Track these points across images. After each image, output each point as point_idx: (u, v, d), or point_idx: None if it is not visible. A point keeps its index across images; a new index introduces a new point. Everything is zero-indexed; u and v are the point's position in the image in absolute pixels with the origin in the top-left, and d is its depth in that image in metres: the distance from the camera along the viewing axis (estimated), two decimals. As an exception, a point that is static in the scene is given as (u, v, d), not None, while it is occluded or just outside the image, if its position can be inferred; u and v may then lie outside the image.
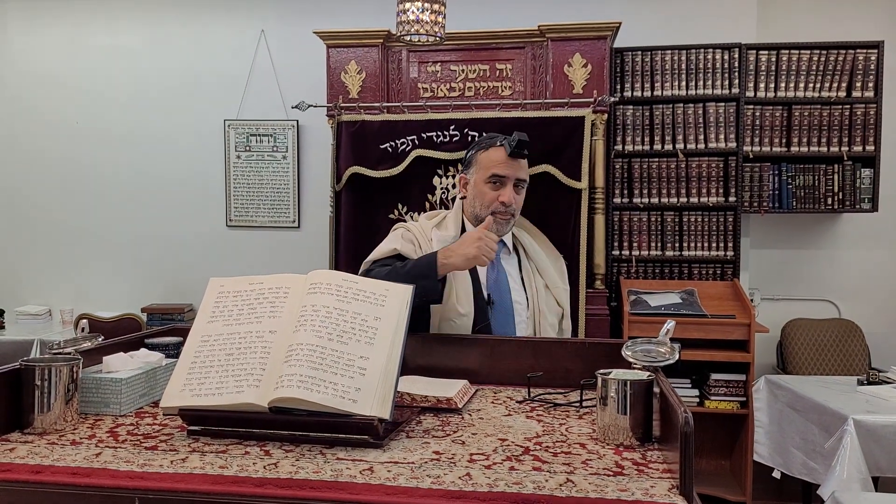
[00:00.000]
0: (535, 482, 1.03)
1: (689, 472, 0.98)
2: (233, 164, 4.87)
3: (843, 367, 4.24)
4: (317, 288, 1.34)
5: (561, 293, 2.21)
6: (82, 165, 5.05)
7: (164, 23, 4.95)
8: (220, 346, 1.29)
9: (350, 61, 3.87)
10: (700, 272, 4.18)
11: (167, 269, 4.91)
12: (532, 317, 2.11)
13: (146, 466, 1.09)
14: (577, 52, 3.68)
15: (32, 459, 1.12)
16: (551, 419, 1.38)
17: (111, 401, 1.37)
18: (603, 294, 3.67)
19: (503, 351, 1.69)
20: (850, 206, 4.16)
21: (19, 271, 5.14)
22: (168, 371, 1.49)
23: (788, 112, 4.17)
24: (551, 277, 2.20)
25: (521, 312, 2.11)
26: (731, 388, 3.85)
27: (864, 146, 4.12)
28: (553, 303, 2.17)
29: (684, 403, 1.05)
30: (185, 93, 4.93)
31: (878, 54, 4.09)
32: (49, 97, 5.06)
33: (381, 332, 1.30)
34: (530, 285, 2.15)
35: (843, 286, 4.54)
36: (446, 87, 3.87)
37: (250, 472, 1.06)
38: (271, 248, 4.85)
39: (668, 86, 4.15)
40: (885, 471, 2.80)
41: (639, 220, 4.21)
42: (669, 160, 4.17)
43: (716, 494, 3.85)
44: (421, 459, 1.13)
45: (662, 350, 1.36)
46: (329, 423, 1.19)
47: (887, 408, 2.92)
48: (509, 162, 2.12)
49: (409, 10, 2.56)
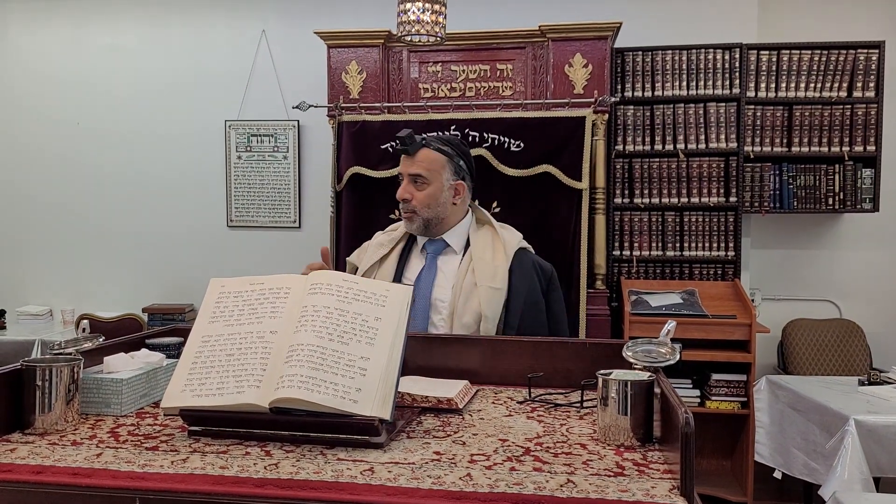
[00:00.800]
0: (535, 483, 1.03)
1: (690, 473, 0.98)
2: (233, 164, 4.87)
3: (844, 368, 4.24)
4: (317, 288, 1.34)
5: (485, 291, 2.04)
6: (83, 165, 5.05)
7: (165, 23, 4.95)
8: (221, 346, 1.29)
9: (351, 61, 3.87)
10: (701, 272, 4.18)
11: (168, 269, 4.91)
12: (451, 315, 2.07)
13: (147, 467, 1.09)
14: (578, 53, 3.68)
15: (33, 460, 1.12)
16: (552, 419, 1.38)
17: (112, 401, 1.37)
18: (604, 294, 3.68)
19: (504, 351, 1.69)
20: (850, 206, 4.16)
21: (20, 271, 5.14)
22: (169, 371, 1.49)
23: (789, 112, 4.17)
24: (482, 275, 2.07)
25: (441, 310, 2.08)
26: (732, 389, 3.85)
27: (865, 146, 4.12)
28: (475, 303, 2.04)
29: (685, 404, 1.05)
30: (186, 93, 4.94)
31: (878, 54, 4.09)
32: (50, 97, 5.07)
33: (382, 333, 1.30)
34: (457, 284, 2.09)
35: (844, 286, 4.54)
36: (447, 88, 3.87)
37: (251, 472, 1.06)
38: (272, 248, 4.86)
39: (668, 86, 4.15)
40: (886, 471, 2.80)
41: (639, 220, 4.21)
42: (670, 160, 4.17)
43: (717, 495, 3.84)
44: (421, 460, 1.13)
45: (663, 350, 1.35)
46: (330, 423, 1.19)
47: (888, 408, 2.92)
48: (403, 159, 2.14)
49: (410, 11, 2.56)
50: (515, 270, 2.10)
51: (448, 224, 2.16)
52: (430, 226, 2.14)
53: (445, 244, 2.16)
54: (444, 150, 2.13)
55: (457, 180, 2.14)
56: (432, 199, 2.11)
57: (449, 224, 2.16)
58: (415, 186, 2.11)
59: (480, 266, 2.08)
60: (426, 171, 2.10)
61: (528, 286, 2.10)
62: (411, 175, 2.11)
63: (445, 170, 2.12)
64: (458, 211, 2.18)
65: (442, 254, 2.17)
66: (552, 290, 2.19)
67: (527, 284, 2.10)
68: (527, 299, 2.08)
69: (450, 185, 2.13)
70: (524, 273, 2.11)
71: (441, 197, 2.11)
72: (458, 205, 2.17)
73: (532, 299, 2.10)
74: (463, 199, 2.18)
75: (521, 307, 2.07)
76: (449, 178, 2.12)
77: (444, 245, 2.17)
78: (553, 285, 2.20)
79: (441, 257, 2.16)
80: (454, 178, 2.13)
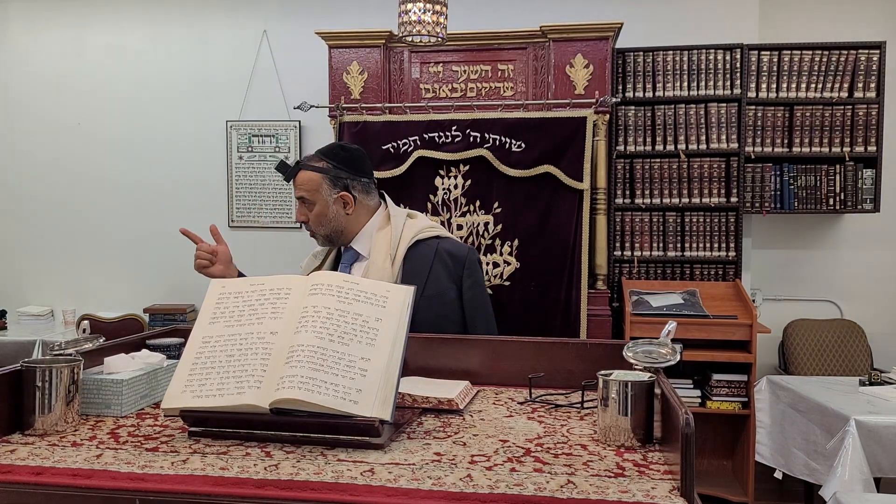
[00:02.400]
0: (536, 483, 1.03)
1: (690, 474, 0.98)
2: (235, 165, 4.88)
3: (845, 368, 4.23)
4: (318, 289, 1.34)
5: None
6: (84, 165, 5.06)
7: (166, 23, 4.96)
8: (222, 347, 1.29)
9: (352, 62, 3.87)
10: (702, 273, 4.18)
11: (169, 269, 4.91)
12: None
13: (147, 468, 1.09)
14: (579, 53, 3.68)
15: (33, 461, 1.12)
16: (552, 420, 1.38)
17: (112, 402, 1.37)
18: (605, 295, 3.68)
19: (504, 352, 1.69)
20: (851, 206, 4.16)
21: (21, 272, 5.15)
22: (169, 372, 1.49)
23: (790, 112, 4.17)
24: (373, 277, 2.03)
25: None
26: (732, 389, 3.85)
27: (866, 147, 4.12)
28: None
29: (685, 404, 1.05)
30: (188, 93, 4.94)
31: (879, 55, 4.09)
32: (51, 97, 5.07)
33: (382, 334, 1.30)
34: None
35: (844, 287, 4.54)
36: (448, 88, 3.87)
37: (251, 473, 1.06)
38: (273, 248, 4.85)
39: (669, 86, 4.15)
40: (886, 471, 2.80)
41: (640, 220, 4.21)
42: (671, 161, 4.17)
43: (717, 495, 3.84)
44: (422, 461, 1.13)
45: (664, 351, 1.35)
46: (330, 424, 1.19)
47: (889, 408, 2.92)
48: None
49: (411, 11, 2.56)
50: (408, 267, 2.07)
51: (351, 233, 2.15)
52: (334, 239, 2.16)
53: (356, 252, 2.16)
54: (316, 167, 2.11)
55: (338, 192, 2.11)
56: (321, 217, 2.11)
57: (352, 232, 2.15)
58: (306, 207, 2.13)
59: (372, 270, 2.07)
60: (307, 193, 2.11)
61: (425, 279, 2.05)
62: (298, 198, 2.15)
63: (322, 187, 2.10)
64: (355, 219, 2.14)
65: (357, 261, 2.16)
66: (467, 278, 2.11)
67: (422, 277, 2.04)
68: (424, 293, 2.01)
69: (333, 199, 2.11)
70: (419, 266, 2.07)
71: (329, 212, 2.11)
72: (353, 213, 2.13)
73: (431, 292, 2.04)
74: (359, 206, 2.13)
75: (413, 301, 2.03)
76: (329, 193, 2.10)
77: (355, 253, 2.16)
78: (469, 272, 2.12)
79: (356, 264, 2.16)
80: (335, 191, 2.10)
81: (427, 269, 2.07)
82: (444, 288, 2.08)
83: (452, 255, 2.12)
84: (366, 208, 2.16)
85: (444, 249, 2.12)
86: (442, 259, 2.10)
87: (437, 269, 2.08)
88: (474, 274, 2.14)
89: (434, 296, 2.04)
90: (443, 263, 2.10)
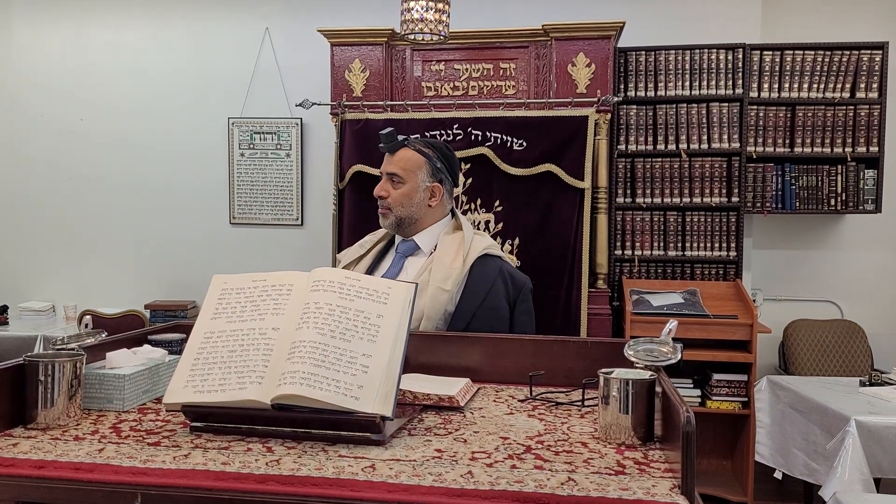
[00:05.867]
0: (536, 480, 1.04)
1: (691, 472, 0.98)
2: (236, 162, 4.88)
3: (846, 368, 4.23)
4: (320, 285, 1.34)
5: (433, 291, 2.03)
6: (86, 162, 5.06)
7: (168, 20, 4.96)
8: (223, 342, 1.30)
9: (354, 59, 3.87)
10: (702, 272, 4.18)
11: (171, 265, 4.92)
12: None
13: (149, 462, 1.09)
14: (581, 52, 3.68)
15: (35, 455, 1.13)
16: (553, 418, 1.39)
17: (114, 397, 1.38)
18: (605, 293, 3.68)
19: (505, 349, 1.69)
20: (853, 207, 4.16)
21: (23, 267, 5.15)
22: (171, 367, 1.50)
23: (792, 112, 4.17)
24: (436, 275, 2.07)
25: None
26: (732, 389, 3.85)
27: (868, 147, 4.11)
28: (421, 302, 2.01)
29: (686, 403, 1.05)
30: (189, 90, 4.94)
31: (882, 55, 4.08)
32: (53, 94, 5.07)
33: (384, 330, 1.30)
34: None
35: (845, 287, 4.54)
36: (450, 86, 3.87)
37: (252, 468, 1.07)
38: (274, 245, 4.86)
39: (671, 86, 4.15)
40: (886, 472, 2.80)
41: (641, 219, 4.21)
42: (672, 160, 4.17)
43: (717, 494, 3.85)
44: (423, 457, 1.13)
45: (664, 350, 1.36)
46: (331, 420, 1.20)
47: (889, 409, 2.92)
48: (385, 157, 2.18)
49: (413, 9, 2.56)
50: (474, 274, 2.09)
51: (422, 225, 2.17)
52: (404, 225, 2.16)
53: (416, 245, 2.17)
54: (423, 151, 2.15)
55: (433, 182, 2.14)
56: (406, 199, 2.12)
57: (423, 225, 2.17)
58: (392, 185, 2.13)
59: (437, 267, 2.08)
60: (402, 171, 2.12)
61: (487, 290, 2.08)
62: (389, 173, 2.14)
63: (422, 170, 2.13)
64: (433, 213, 2.17)
65: (412, 254, 2.17)
66: (521, 303, 2.15)
67: (485, 288, 2.08)
68: (484, 303, 2.06)
69: (426, 186, 2.13)
70: (485, 277, 2.10)
71: (416, 197, 2.13)
72: (434, 207, 2.16)
73: (490, 304, 2.08)
74: (440, 202, 2.17)
75: (473, 310, 2.05)
76: (425, 179, 2.13)
77: (415, 246, 2.17)
78: (523, 298, 2.16)
79: (410, 258, 2.17)
80: (430, 179, 2.14)
81: (490, 283, 2.11)
82: (501, 305, 2.12)
83: (513, 279, 2.17)
84: (442, 208, 2.20)
85: (506, 270, 2.17)
86: (504, 278, 2.14)
87: (499, 286, 2.12)
88: (526, 302, 2.19)
89: (491, 308, 2.08)
90: (504, 282, 2.14)
